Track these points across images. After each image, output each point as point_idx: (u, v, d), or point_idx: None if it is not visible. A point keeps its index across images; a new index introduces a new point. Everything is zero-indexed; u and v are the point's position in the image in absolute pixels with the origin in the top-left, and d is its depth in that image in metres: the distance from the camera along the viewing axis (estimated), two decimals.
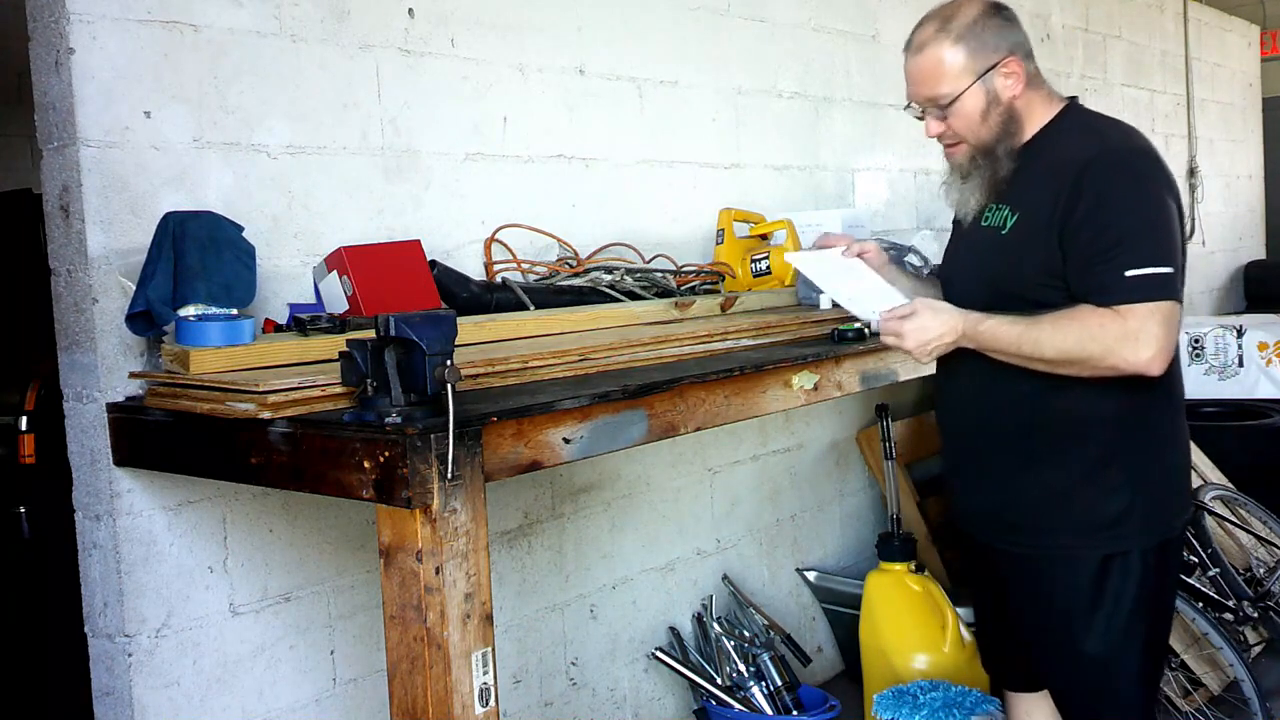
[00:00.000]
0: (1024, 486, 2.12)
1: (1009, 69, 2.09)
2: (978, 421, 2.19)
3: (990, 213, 2.17)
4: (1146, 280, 1.94)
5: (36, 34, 2.14)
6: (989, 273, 2.15)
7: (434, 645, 1.65)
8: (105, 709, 2.23)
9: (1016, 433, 2.12)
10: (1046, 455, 2.09)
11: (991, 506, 2.19)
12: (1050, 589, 2.12)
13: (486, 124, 2.86)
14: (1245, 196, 7.94)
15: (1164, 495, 2.13)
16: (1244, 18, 7.96)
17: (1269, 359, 5.15)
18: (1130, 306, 1.94)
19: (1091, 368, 1.97)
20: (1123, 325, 1.93)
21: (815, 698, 3.26)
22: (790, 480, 3.81)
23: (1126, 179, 2.00)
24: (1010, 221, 2.10)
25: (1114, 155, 2.03)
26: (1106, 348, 1.94)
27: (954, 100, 2.09)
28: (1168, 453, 2.17)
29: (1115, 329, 1.94)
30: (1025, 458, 2.11)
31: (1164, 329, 1.94)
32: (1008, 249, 2.10)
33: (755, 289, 3.24)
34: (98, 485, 2.17)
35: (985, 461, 2.19)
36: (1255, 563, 3.98)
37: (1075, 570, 2.08)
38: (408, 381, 1.69)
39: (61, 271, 2.17)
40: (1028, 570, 2.15)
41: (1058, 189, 2.01)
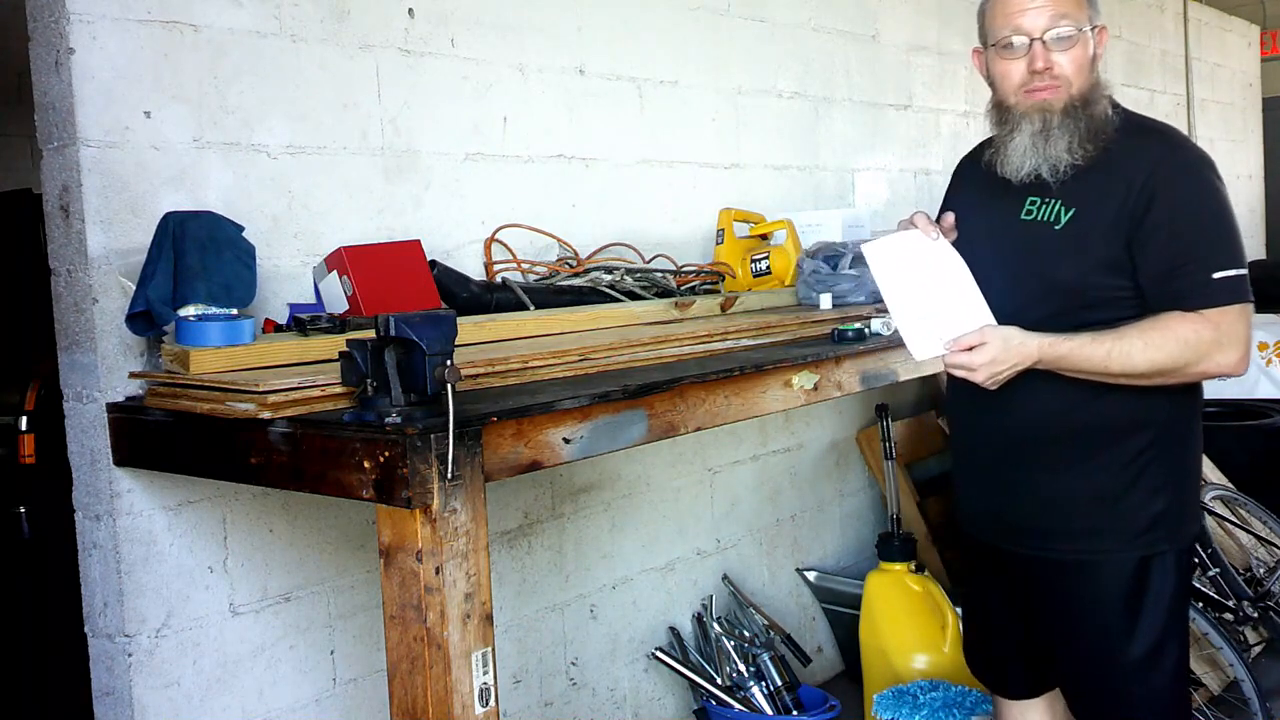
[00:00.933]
0: (1067, 491, 2.08)
1: (1103, 36, 2.09)
2: (1013, 427, 2.12)
3: (1034, 207, 2.09)
4: (1231, 282, 1.95)
5: (36, 34, 2.14)
6: (1040, 270, 2.06)
7: (434, 645, 1.65)
8: (105, 709, 2.23)
9: (1059, 437, 2.08)
10: (1091, 459, 2.06)
11: (1025, 513, 2.14)
12: (1093, 593, 2.09)
13: (486, 124, 2.86)
14: (1245, 196, 7.94)
15: (1193, 496, 2.15)
16: (1244, 18, 7.96)
17: (1269, 359, 5.14)
18: (1220, 310, 1.95)
19: (1183, 375, 1.99)
20: (1215, 331, 1.95)
21: (815, 698, 3.26)
22: (790, 480, 3.81)
23: (1198, 182, 2.00)
24: (1065, 217, 2.04)
25: (1182, 158, 2.03)
26: (1201, 354, 1.96)
27: (1079, 34, 2.03)
28: (1196, 454, 2.18)
29: (1208, 335, 1.95)
30: (1068, 462, 2.08)
31: (1246, 330, 1.97)
32: (1065, 245, 2.04)
33: (755, 289, 3.24)
34: (98, 485, 2.17)
35: (1021, 467, 2.12)
36: (1255, 563, 3.98)
37: (1117, 574, 2.06)
38: (408, 381, 1.69)
39: (61, 271, 2.17)
40: (1066, 576, 2.11)
41: (1124, 188, 1.99)
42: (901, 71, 4.38)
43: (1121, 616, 2.07)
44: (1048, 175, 2.05)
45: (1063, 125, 2.03)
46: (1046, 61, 2.02)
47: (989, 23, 2.11)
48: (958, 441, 2.35)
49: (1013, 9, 2.04)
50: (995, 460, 2.19)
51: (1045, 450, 2.10)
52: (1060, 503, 2.09)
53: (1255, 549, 4.08)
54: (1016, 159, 2.07)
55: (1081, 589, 2.10)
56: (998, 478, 2.18)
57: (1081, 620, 2.12)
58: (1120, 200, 1.99)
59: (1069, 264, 2.03)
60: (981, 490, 2.24)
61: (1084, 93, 2.05)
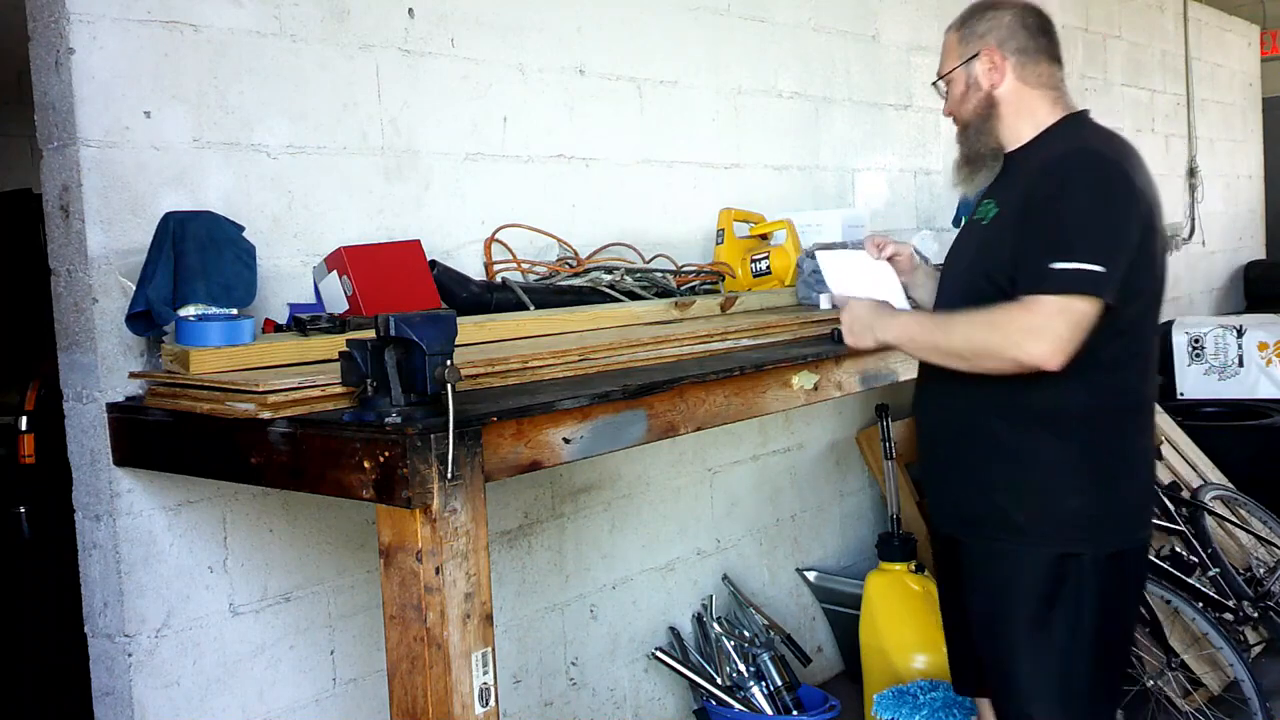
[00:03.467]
0: (990, 479, 2.13)
1: (990, 60, 2.21)
2: (947, 417, 2.23)
3: (982, 208, 2.25)
4: (1069, 274, 1.92)
5: (36, 34, 2.14)
6: (967, 264, 2.22)
7: (434, 645, 1.65)
8: (105, 709, 2.23)
9: (987, 428, 2.13)
10: (1014, 450, 2.10)
11: (956, 499, 2.22)
12: (1004, 584, 2.12)
13: (486, 124, 2.86)
14: (1245, 196, 7.94)
15: (1125, 505, 2.12)
16: (1244, 18, 7.96)
17: (1269, 359, 5.15)
18: (1038, 298, 1.94)
19: (996, 360, 1.99)
20: (1028, 318, 1.94)
21: (815, 698, 3.26)
22: (790, 480, 3.81)
23: (1086, 176, 2.02)
24: (991, 214, 2.18)
25: (1082, 154, 2.08)
26: (1008, 339, 1.95)
27: (944, 77, 2.30)
28: (1135, 465, 2.16)
29: (1021, 321, 1.95)
30: (992, 451, 2.13)
31: (1067, 325, 1.92)
32: (987, 240, 2.16)
33: (755, 289, 3.24)
34: (98, 485, 2.17)
35: (955, 455, 2.21)
36: (1255, 563, 3.98)
37: (1031, 567, 2.08)
38: (408, 381, 1.69)
39: (61, 271, 2.17)
40: (986, 564, 2.16)
41: (1030, 184, 2.07)
42: (901, 71, 4.38)
43: (1034, 612, 2.08)
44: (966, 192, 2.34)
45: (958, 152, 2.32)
46: (946, 107, 2.34)
47: None
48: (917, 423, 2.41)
49: None
50: (936, 449, 2.31)
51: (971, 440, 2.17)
52: (981, 490, 2.15)
53: (1255, 549, 4.08)
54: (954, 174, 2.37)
55: (996, 578, 2.14)
56: (940, 466, 2.30)
57: (997, 610, 2.14)
58: (1021, 195, 2.08)
59: (986, 258, 2.14)
60: (933, 478, 2.37)
61: (966, 120, 2.28)
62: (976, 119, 2.25)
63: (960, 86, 2.27)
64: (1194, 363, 5.26)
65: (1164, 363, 5.56)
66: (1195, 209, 6.95)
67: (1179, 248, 6.70)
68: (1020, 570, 2.09)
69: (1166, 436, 4.51)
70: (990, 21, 2.23)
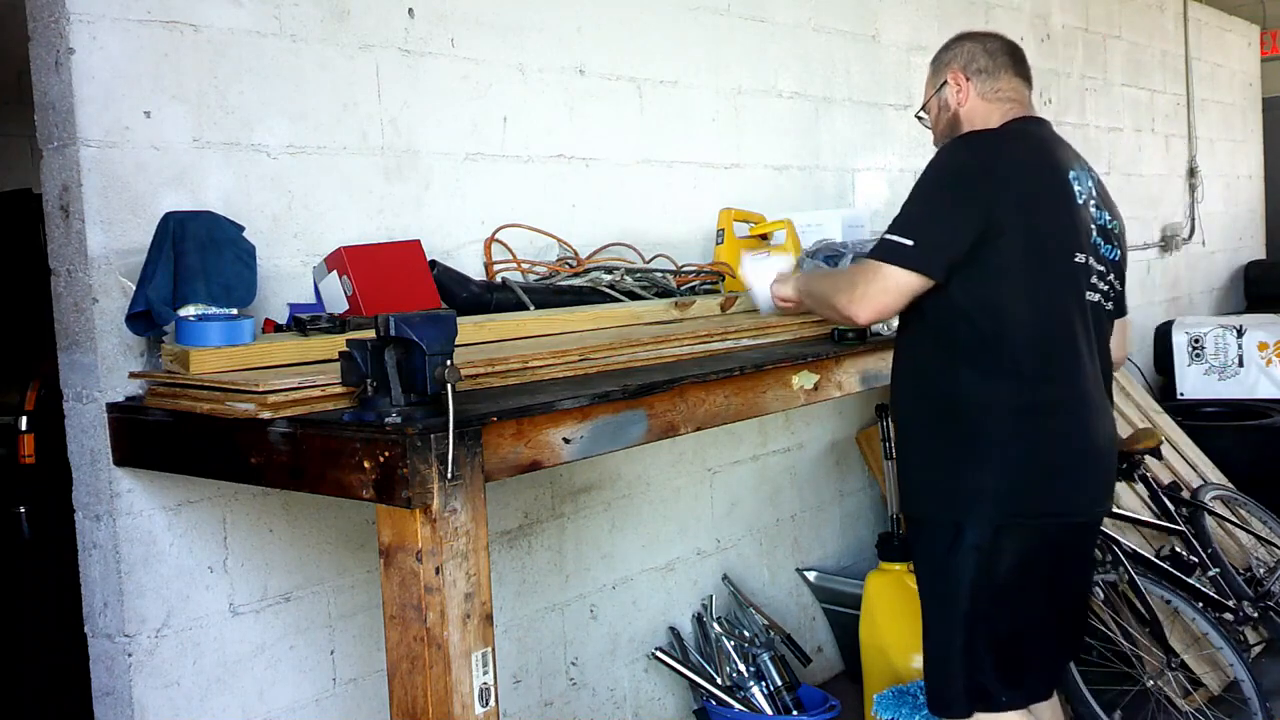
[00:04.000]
0: (905, 457, 2.39)
1: (955, 82, 2.45)
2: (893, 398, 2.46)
3: None
4: (886, 244, 2.20)
5: (36, 34, 2.14)
6: None
7: (434, 645, 1.65)
8: (105, 709, 2.23)
9: (910, 408, 2.37)
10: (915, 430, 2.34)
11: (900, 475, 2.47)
12: (921, 549, 2.35)
13: (486, 124, 2.86)
14: (1245, 196, 7.94)
15: (1028, 482, 2.21)
16: (1244, 18, 7.96)
17: (1269, 359, 5.15)
18: (864, 262, 2.25)
19: (828, 308, 2.34)
20: (850, 276, 2.29)
21: (815, 698, 3.26)
22: (790, 480, 3.81)
23: (935, 160, 2.30)
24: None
25: (949, 144, 2.35)
26: (835, 289, 2.29)
27: (924, 107, 2.56)
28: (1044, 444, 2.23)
29: (845, 278, 2.30)
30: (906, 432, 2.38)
31: (875, 286, 2.20)
32: None
33: None
34: (98, 485, 2.17)
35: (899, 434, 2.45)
36: (1255, 563, 3.98)
37: (937, 534, 2.26)
38: (408, 381, 1.69)
39: (61, 271, 2.17)
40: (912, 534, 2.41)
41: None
42: (901, 71, 4.38)
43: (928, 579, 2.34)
44: None
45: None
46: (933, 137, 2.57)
47: None
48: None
49: None
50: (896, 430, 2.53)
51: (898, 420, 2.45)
52: (906, 467, 2.41)
53: (1255, 549, 4.08)
54: None
55: (917, 543, 2.38)
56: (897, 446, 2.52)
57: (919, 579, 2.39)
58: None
59: None
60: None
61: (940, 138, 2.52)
62: (944, 136, 2.48)
63: (935, 111, 2.52)
64: (1194, 363, 5.26)
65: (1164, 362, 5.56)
66: (1195, 209, 6.95)
67: (1179, 247, 6.70)
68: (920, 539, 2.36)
69: (1166, 436, 4.51)
70: (954, 50, 2.48)
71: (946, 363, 2.24)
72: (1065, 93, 5.58)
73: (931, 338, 2.27)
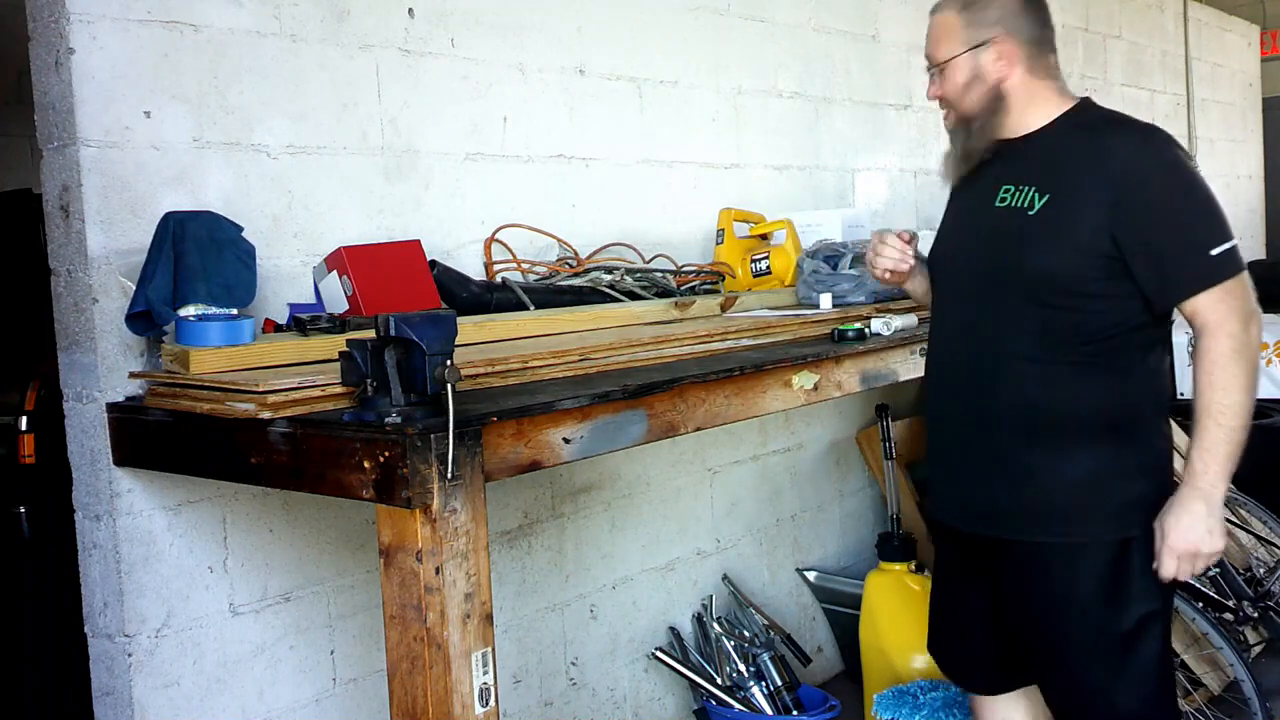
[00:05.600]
0: (1052, 475, 2.07)
1: (1000, 48, 2.12)
2: (997, 410, 2.11)
3: (1010, 194, 2.12)
4: (1226, 256, 1.99)
5: (36, 34, 2.14)
6: (1011, 254, 2.10)
7: (434, 645, 1.65)
8: (105, 709, 2.23)
9: (1045, 421, 2.07)
10: (1073, 443, 2.06)
11: (1007, 496, 2.12)
12: (1073, 576, 2.08)
13: (486, 124, 2.86)
14: (1245, 196, 7.93)
15: (1169, 480, 2.14)
16: (1244, 18, 7.96)
17: (1269, 359, 5.14)
18: (1227, 286, 1.99)
19: (1255, 369, 2.04)
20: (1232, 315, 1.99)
21: (815, 698, 3.26)
22: (790, 480, 3.81)
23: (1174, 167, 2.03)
24: (1040, 202, 2.07)
25: (1155, 145, 2.06)
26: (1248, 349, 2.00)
27: (944, 64, 2.17)
28: (1167, 441, 2.20)
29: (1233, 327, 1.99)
30: (1053, 446, 2.07)
31: (1253, 299, 2.03)
32: (1039, 229, 2.06)
33: (755, 289, 3.24)
34: (98, 485, 2.17)
35: (1005, 451, 2.11)
36: (1255, 563, 3.97)
37: (1098, 557, 2.06)
38: (408, 381, 1.69)
39: (61, 271, 2.17)
40: (1048, 560, 2.09)
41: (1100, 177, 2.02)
42: (901, 71, 4.38)
43: (1102, 599, 2.07)
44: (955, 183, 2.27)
45: (954, 139, 2.24)
46: (935, 91, 2.22)
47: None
48: (935, 425, 2.32)
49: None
50: (975, 443, 2.17)
51: (1030, 434, 2.08)
52: (1045, 487, 2.08)
53: (1255, 549, 4.08)
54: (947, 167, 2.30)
55: (1064, 573, 2.09)
56: (978, 461, 2.16)
57: (1064, 604, 2.10)
58: (1094, 188, 2.02)
59: (1045, 248, 2.05)
60: (959, 473, 2.23)
61: (969, 112, 2.17)
62: (983, 113, 2.15)
63: (964, 75, 2.14)
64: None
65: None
66: None
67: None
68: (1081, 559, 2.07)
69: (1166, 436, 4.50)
70: (1000, 9, 2.12)
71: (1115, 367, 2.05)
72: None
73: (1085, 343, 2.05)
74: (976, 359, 2.13)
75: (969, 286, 2.18)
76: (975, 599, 2.28)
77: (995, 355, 2.10)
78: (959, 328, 2.21)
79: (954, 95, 2.17)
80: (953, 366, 2.21)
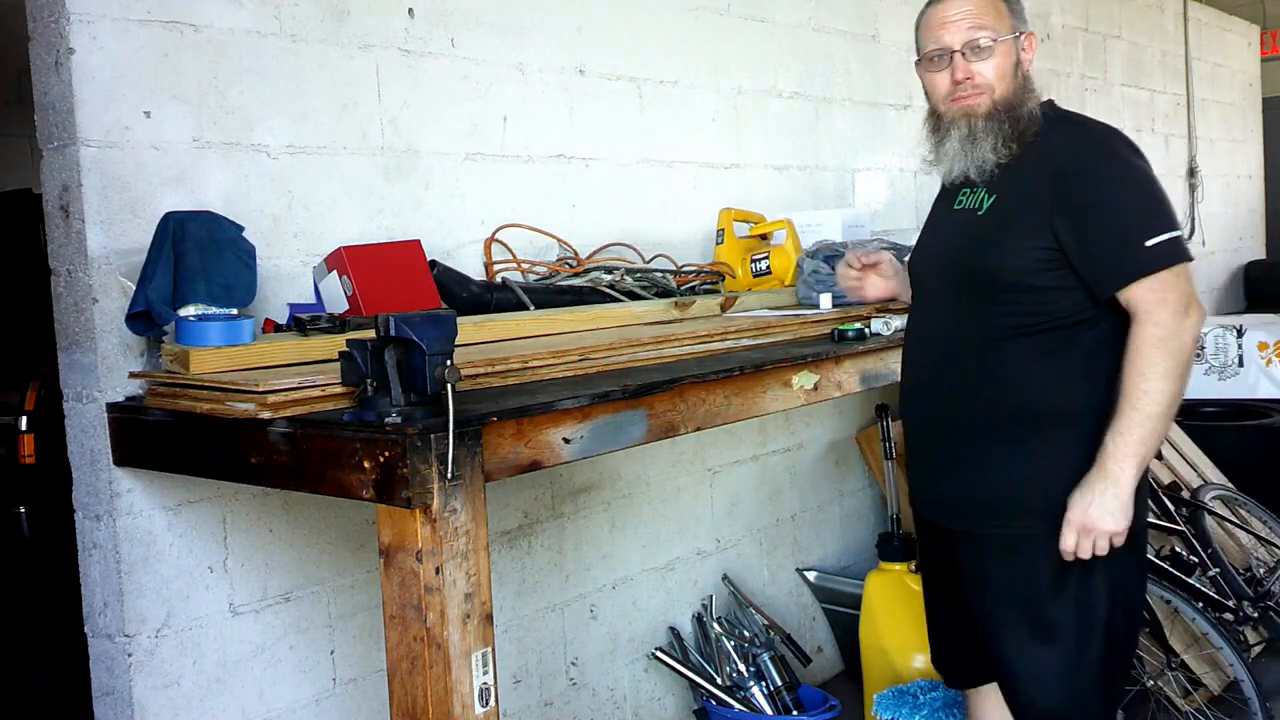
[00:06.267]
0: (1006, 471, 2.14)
1: (1029, 42, 2.20)
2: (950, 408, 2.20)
3: (965, 196, 2.21)
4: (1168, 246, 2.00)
5: (36, 34, 2.14)
6: (963, 255, 2.18)
7: (434, 645, 1.65)
8: (105, 709, 2.23)
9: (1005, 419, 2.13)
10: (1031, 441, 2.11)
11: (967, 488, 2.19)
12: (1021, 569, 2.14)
13: (486, 124, 2.86)
14: (1245, 196, 7.94)
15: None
16: (1244, 18, 7.96)
17: (1269, 359, 5.14)
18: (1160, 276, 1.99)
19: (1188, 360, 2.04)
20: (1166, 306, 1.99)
21: (815, 698, 3.26)
22: (790, 480, 3.81)
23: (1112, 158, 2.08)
24: (988, 203, 2.15)
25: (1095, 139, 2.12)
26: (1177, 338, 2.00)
27: (996, 43, 2.14)
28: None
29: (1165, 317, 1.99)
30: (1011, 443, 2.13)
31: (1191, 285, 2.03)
32: (986, 229, 2.14)
33: (755, 289, 3.24)
34: (98, 485, 2.17)
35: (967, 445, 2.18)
36: (1255, 563, 3.98)
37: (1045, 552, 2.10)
38: (408, 381, 1.69)
39: (61, 271, 2.17)
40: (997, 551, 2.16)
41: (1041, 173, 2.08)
42: (901, 71, 4.38)
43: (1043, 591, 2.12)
44: (975, 176, 2.16)
45: (986, 129, 2.14)
46: (966, 71, 2.15)
47: (918, 39, 2.25)
48: (906, 420, 2.37)
49: (935, 24, 2.18)
50: (937, 437, 2.24)
51: (986, 428, 2.15)
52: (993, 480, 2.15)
53: (1255, 549, 4.08)
54: (947, 163, 2.19)
55: (1011, 565, 2.15)
56: (940, 454, 2.24)
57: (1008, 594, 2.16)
58: (1036, 185, 2.08)
59: (988, 245, 2.13)
60: (925, 467, 2.31)
61: (1007, 97, 2.15)
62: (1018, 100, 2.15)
63: (1010, 58, 2.15)
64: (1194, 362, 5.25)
65: None
66: (1195, 209, 6.95)
67: None
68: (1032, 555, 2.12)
69: (1166, 437, 4.51)
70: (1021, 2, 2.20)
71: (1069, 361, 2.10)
72: (1065, 93, 5.58)
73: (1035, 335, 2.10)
74: (939, 356, 2.22)
75: (931, 287, 2.28)
76: (944, 589, 2.36)
77: (954, 352, 2.18)
78: (924, 327, 2.30)
79: (999, 77, 2.14)
80: (919, 364, 2.30)
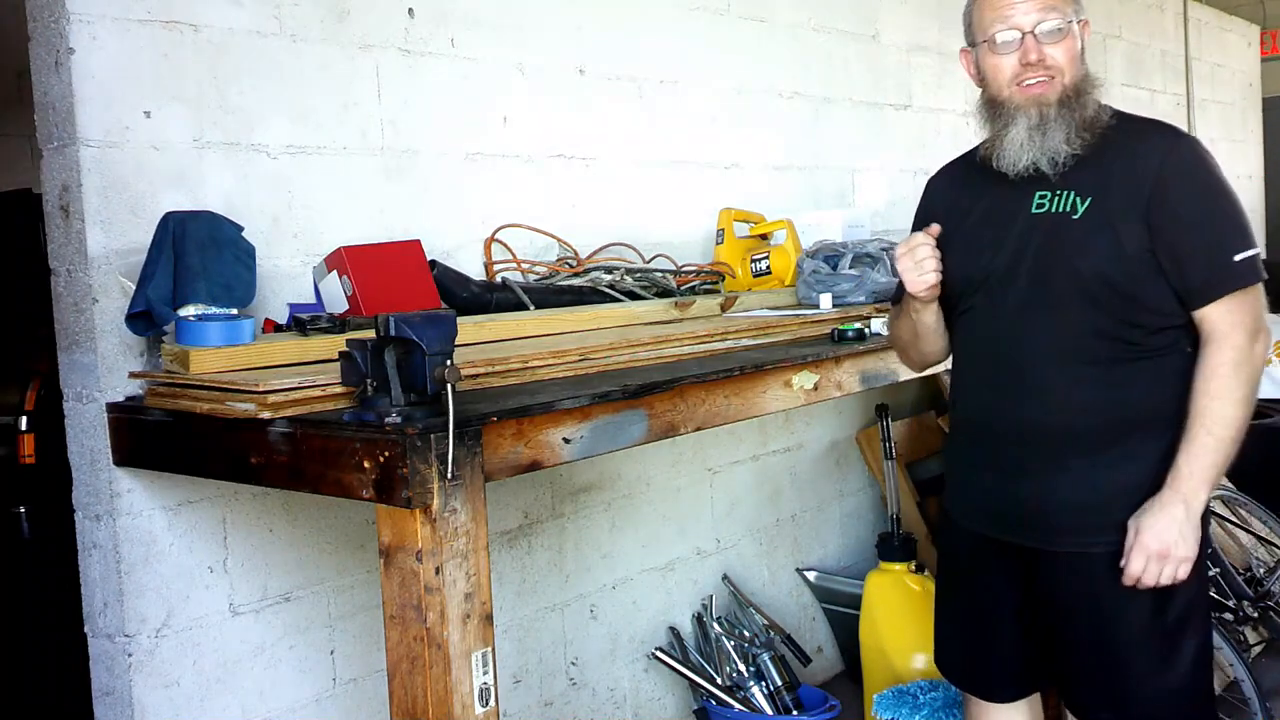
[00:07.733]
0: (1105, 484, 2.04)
1: (1087, 30, 2.10)
2: (1047, 417, 2.06)
3: (1047, 199, 2.07)
4: (1249, 264, 1.99)
5: (36, 34, 2.14)
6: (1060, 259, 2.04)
7: (434, 645, 1.65)
8: (105, 709, 2.23)
9: (1095, 429, 2.04)
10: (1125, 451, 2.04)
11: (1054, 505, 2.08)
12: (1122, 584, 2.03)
13: (486, 124, 2.86)
14: (1245, 196, 7.91)
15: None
16: (1244, 18, 7.96)
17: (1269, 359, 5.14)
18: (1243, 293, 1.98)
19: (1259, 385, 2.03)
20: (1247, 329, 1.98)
21: (815, 698, 3.26)
22: (790, 480, 3.81)
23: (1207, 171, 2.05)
24: (1082, 206, 2.04)
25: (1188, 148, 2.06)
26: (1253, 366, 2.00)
27: (1068, 26, 2.05)
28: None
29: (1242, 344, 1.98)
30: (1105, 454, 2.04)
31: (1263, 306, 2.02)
32: (1087, 233, 2.03)
33: (755, 289, 3.24)
34: (98, 485, 2.17)
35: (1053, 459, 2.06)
36: (1255, 563, 3.97)
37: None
38: (408, 381, 1.69)
39: (61, 271, 2.17)
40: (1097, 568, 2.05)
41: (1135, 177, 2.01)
42: (901, 71, 4.38)
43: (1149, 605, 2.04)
44: (1046, 167, 2.05)
45: (1059, 117, 2.04)
46: (1039, 54, 2.04)
47: (978, 20, 2.12)
48: (968, 431, 2.25)
49: (1002, 4, 2.06)
50: (1018, 451, 2.11)
51: (1081, 442, 2.04)
52: (1097, 495, 2.05)
53: (1255, 549, 4.08)
54: (1014, 152, 2.07)
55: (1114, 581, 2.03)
56: (1021, 469, 2.11)
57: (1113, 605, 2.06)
58: (1131, 189, 2.00)
59: (1094, 252, 2.02)
60: (996, 482, 2.16)
61: (1076, 84, 2.06)
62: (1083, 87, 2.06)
63: (1077, 43, 2.06)
64: None
65: None
66: None
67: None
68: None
69: None
70: None
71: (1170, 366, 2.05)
72: None
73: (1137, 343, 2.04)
74: (1022, 367, 2.08)
75: (1010, 291, 2.10)
76: (1004, 603, 2.23)
77: (1044, 362, 2.06)
78: (1002, 332, 2.13)
79: (1069, 61, 2.05)
80: (994, 376, 2.14)
